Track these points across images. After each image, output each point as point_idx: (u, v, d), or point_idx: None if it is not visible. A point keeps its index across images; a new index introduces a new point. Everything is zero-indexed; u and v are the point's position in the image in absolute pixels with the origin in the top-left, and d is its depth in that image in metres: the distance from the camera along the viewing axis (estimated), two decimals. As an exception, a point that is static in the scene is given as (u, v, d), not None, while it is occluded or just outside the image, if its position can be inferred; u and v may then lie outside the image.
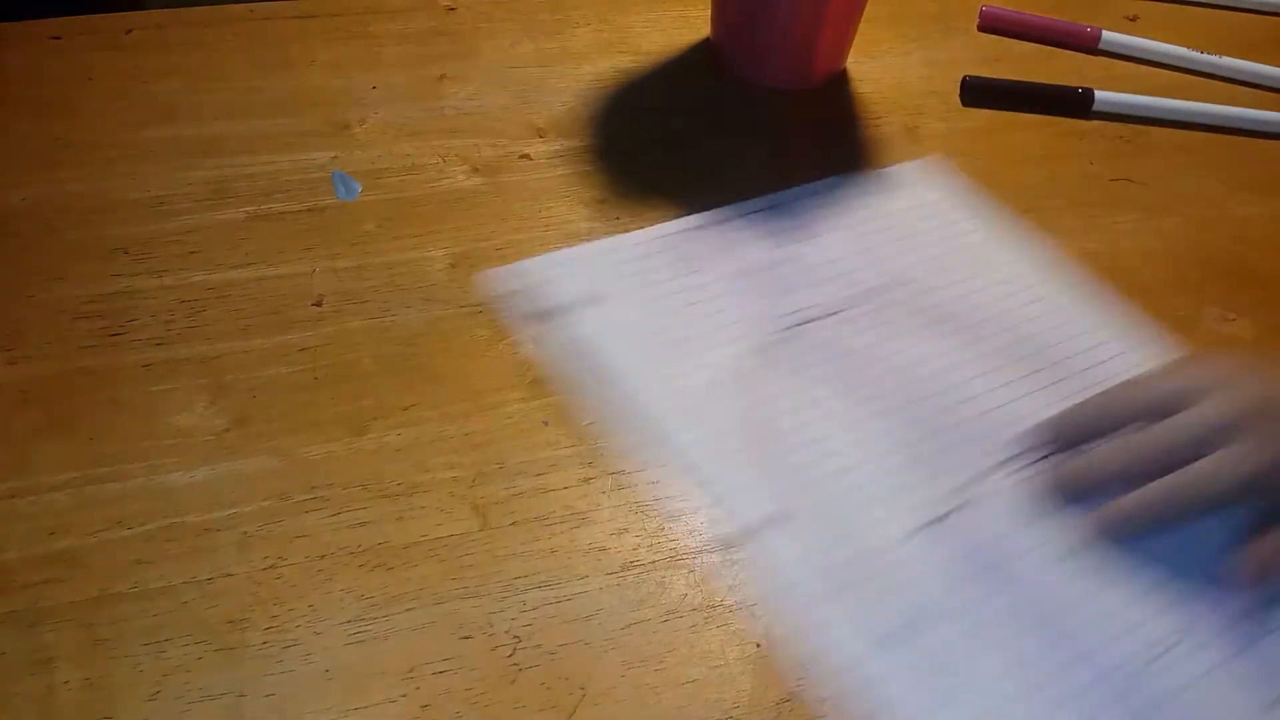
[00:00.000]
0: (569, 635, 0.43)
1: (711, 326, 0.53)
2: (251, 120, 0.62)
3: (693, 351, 0.52)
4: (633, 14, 0.73)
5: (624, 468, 0.48)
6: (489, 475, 0.47)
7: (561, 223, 0.59)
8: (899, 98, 0.70)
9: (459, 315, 0.53)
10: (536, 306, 0.54)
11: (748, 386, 0.51)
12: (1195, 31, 0.79)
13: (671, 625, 0.44)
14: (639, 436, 0.49)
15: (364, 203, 0.58)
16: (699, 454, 0.48)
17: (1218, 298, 0.60)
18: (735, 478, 0.48)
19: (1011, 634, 0.43)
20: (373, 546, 0.45)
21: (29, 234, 0.54)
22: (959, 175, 0.63)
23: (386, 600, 0.43)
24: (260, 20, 0.69)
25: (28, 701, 0.39)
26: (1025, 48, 0.76)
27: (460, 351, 0.52)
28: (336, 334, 0.52)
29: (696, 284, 0.55)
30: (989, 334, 0.55)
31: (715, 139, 0.65)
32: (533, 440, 0.49)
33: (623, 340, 0.52)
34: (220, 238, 0.56)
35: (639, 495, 0.47)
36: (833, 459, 0.48)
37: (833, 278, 0.56)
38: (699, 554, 0.46)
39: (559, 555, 0.45)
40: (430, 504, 0.46)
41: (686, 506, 0.47)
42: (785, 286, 0.56)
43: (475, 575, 0.44)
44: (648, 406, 0.50)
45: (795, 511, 0.46)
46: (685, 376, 0.51)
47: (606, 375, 0.51)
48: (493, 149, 0.62)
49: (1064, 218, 0.63)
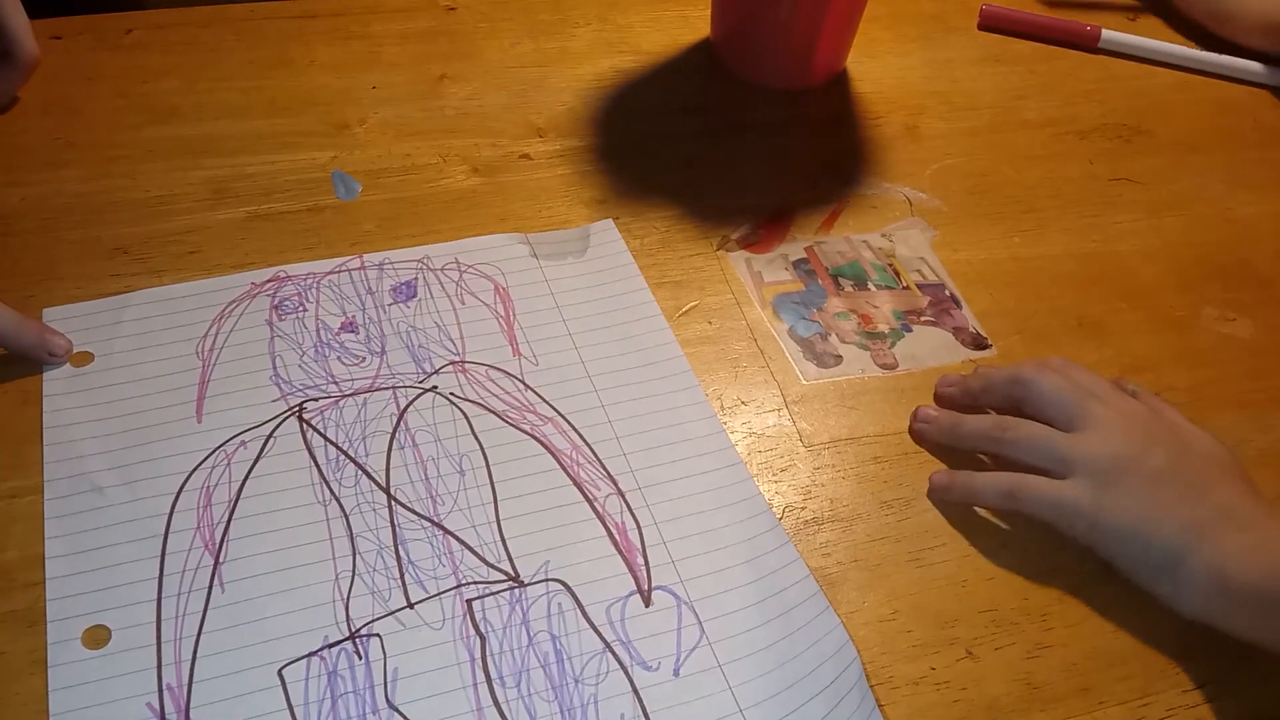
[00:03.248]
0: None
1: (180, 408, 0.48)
2: (251, 120, 0.62)
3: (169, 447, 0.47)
4: (633, 14, 0.73)
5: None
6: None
7: (561, 223, 0.59)
8: (899, 97, 0.70)
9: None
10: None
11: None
12: (1194, 31, 0.79)
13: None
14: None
15: (364, 202, 0.58)
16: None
17: (1217, 297, 0.60)
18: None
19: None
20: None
21: (29, 233, 0.54)
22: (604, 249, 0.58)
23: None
24: (260, 20, 0.69)
25: (27, 702, 0.40)
26: (1025, 46, 0.76)
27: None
28: (336, 334, 0.52)
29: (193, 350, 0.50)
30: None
31: (715, 139, 0.65)
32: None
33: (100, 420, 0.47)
34: (220, 237, 0.55)
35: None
36: (259, 560, 0.44)
37: (387, 352, 0.51)
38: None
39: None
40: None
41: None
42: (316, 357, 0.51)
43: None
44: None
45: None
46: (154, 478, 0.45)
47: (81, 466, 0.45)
48: (493, 149, 0.62)
49: (1064, 217, 0.63)
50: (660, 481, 0.48)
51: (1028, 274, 0.60)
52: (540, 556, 0.45)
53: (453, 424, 0.49)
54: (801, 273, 0.58)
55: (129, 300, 0.52)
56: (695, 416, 0.51)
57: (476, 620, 0.43)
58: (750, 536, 0.46)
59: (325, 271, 0.54)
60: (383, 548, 0.45)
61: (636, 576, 0.45)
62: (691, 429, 0.50)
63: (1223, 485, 0.46)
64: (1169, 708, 0.43)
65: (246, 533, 0.45)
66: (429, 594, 0.43)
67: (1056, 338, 0.57)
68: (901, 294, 0.58)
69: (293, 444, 0.47)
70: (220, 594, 0.43)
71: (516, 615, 0.43)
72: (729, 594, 0.44)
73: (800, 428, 0.51)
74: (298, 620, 0.42)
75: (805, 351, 0.54)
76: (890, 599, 0.46)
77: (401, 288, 0.54)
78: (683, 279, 0.57)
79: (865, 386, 0.53)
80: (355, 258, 0.55)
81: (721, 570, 0.45)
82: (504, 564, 0.45)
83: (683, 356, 0.53)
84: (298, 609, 0.43)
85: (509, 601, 0.44)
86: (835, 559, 0.47)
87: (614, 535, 0.46)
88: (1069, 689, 0.44)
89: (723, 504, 0.47)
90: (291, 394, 0.49)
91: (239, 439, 0.47)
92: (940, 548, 0.47)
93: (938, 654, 0.44)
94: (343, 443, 0.48)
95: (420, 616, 0.43)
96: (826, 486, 0.49)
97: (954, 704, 0.43)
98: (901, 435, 0.51)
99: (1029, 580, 0.47)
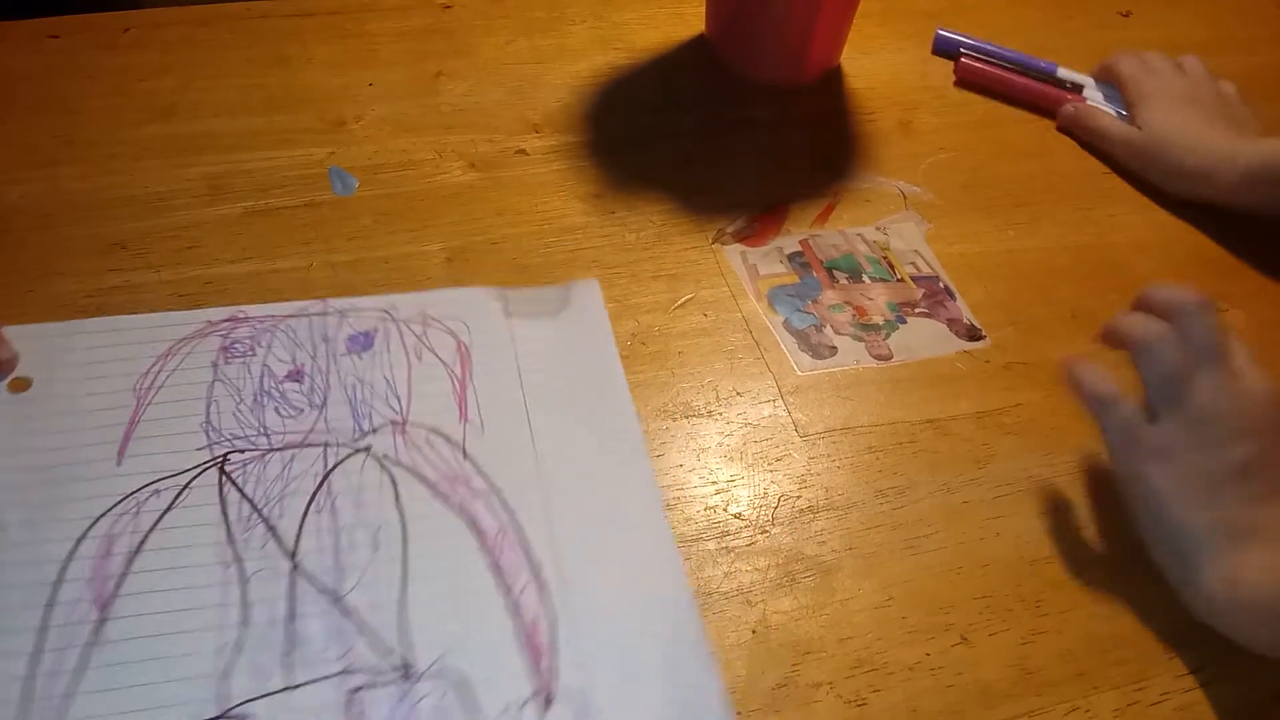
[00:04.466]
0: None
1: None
2: (249, 117, 0.62)
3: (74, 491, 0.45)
4: (628, 11, 0.74)
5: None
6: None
7: (557, 217, 0.59)
8: (893, 93, 0.70)
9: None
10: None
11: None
12: (1187, 26, 0.79)
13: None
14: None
15: (361, 198, 0.59)
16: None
17: (1210, 289, 0.60)
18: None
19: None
20: None
21: (28, 230, 0.55)
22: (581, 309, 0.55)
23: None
24: (257, 18, 0.69)
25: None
26: (1018, 42, 0.76)
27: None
28: (334, 327, 0.52)
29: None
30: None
31: (710, 135, 0.65)
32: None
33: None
34: (218, 233, 0.56)
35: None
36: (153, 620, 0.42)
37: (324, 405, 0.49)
38: (695, 542, 0.46)
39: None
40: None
41: (683, 495, 0.48)
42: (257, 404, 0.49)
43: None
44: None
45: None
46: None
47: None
48: (489, 145, 0.63)
49: (1058, 210, 0.64)
50: (586, 573, 0.44)
51: (1022, 266, 0.60)
52: (439, 645, 0.42)
53: (378, 490, 0.46)
54: (796, 266, 0.58)
55: (81, 327, 0.50)
56: (639, 504, 0.47)
57: (354, 714, 0.40)
58: (672, 647, 0.43)
59: (284, 314, 0.52)
60: (274, 620, 0.42)
61: (540, 677, 0.41)
62: (632, 518, 0.47)
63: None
64: (1163, 692, 0.44)
65: (139, 589, 0.42)
66: (312, 678, 0.40)
67: (1051, 329, 0.57)
68: (896, 286, 0.58)
69: (208, 496, 0.45)
70: (99, 652, 0.40)
71: (400, 711, 0.40)
72: (639, 708, 0.41)
73: (795, 418, 0.52)
74: (172, 691, 0.40)
75: (800, 343, 0.55)
76: (885, 586, 0.46)
77: (359, 337, 0.51)
78: (678, 272, 0.57)
79: (860, 378, 0.54)
80: (319, 301, 0.53)
81: (634, 680, 0.42)
82: (399, 650, 0.41)
83: (641, 436, 0.49)
84: (174, 679, 0.40)
85: (395, 695, 0.40)
86: (830, 547, 0.47)
87: (524, 630, 0.42)
88: (1063, 674, 0.44)
89: (651, 609, 0.44)
90: (218, 443, 0.47)
91: (154, 486, 0.45)
92: (935, 535, 0.48)
93: (933, 640, 0.44)
94: (260, 500, 0.45)
95: (298, 701, 0.40)
96: (822, 476, 0.49)
97: (948, 689, 0.43)
98: (896, 425, 0.52)
99: (1023, 567, 0.47)
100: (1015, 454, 0.51)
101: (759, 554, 0.46)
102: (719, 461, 0.49)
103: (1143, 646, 0.45)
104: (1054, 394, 0.53)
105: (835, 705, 0.42)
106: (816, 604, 0.45)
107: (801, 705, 0.42)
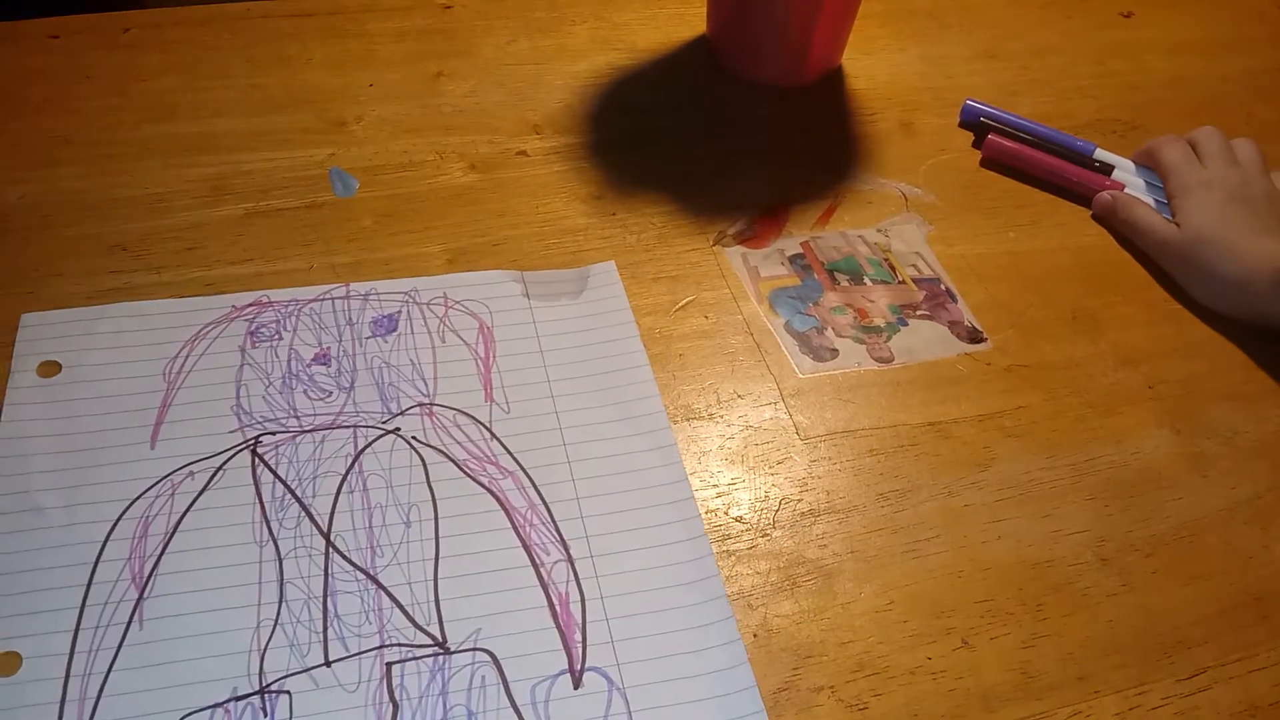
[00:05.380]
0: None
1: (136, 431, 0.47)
2: (249, 118, 0.62)
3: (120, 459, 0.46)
4: (628, 11, 0.74)
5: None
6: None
7: (558, 219, 0.59)
8: (894, 94, 0.70)
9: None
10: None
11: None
12: (1186, 27, 0.79)
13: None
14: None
15: (361, 199, 0.59)
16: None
17: (1211, 291, 0.60)
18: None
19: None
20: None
21: (28, 230, 0.55)
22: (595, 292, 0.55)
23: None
24: (258, 19, 0.69)
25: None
26: (1019, 43, 0.76)
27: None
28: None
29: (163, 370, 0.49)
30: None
31: (711, 135, 0.65)
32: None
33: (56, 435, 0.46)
34: (218, 234, 0.56)
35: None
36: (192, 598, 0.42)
37: (353, 388, 0.50)
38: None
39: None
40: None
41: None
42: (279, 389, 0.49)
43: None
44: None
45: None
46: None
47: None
48: (489, 145, 0.63)
49: (1059, 212, 0.64)
50: (614, 551, 0.45)
51: (1023, 268, 0.60)
52: (473, 622, 0.43)
53: (408, 470, 0.47)
54: (797, 267, 0.58)
55: (105, 312, 0.51)
56: (665, 480, 0.48)
57: (393, 686, 0.41)
58: (700, 624, 0.43)
59: (309, 298, 0.53)
60: (311, 598, 0.43)
61: (570, 654, 0.42)
62: (659, 494, 0.47)
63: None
64: (1164, 697, 0.44)
65: (176, 568, 0.43)
66: (349, 652, 0.41)
67: (1052, 331, 0.57)
68: (897, 288, 0.58)
69: (241, 478, 0.46)
70: (138, 631, 0.41)
71: (436, 684, 0.41)
72: (666, 685, 0.41)
73: (797, 421, 0.51)
74: (210, 667, 0.41)
75: (801, 345, 0.55)
76: (887, 589, 0.46)
77: (383, 320, 0.52)
78: (679, 274, 0.57)
79: (861, 380, 0.54)
80: (342, 285, 0.54)
81: (662, 658, 0.42)
82: (433, 626, 0.42)
83: (663, 413, 0.50)
84: (212, 655, 0.41)
85: (431, 669, 0.41)
86: (832, 550, 0.47)
87: (555, 607, 0.43)
88: (1064, 678, 0.44)
89: (677, 583, 0.44)
90: (250, 425, 0.48)
91: (188, 469, 0.46)
92: (936, 539, 0.48)
93: (934, 644, 0.44)
94: (293, 481, 0.46)
95: (336, 676, 0.41)
96: (823, 479, 0.49)
97: (950, 693, 0.43)
98: (897, 428, 0.52)
99: (1024, 571, 0.47)
100: (1017, 457, 0.51)
101: (760, 557, 0.46)
102: (720, 464, 0.49)
103: (1144, 651, 0.45)
104: (1056, 396, 0.53)
105: (836, 709, 0.42)
106: (817, 607, 0.45)
107: (803, 709, 0.42)
